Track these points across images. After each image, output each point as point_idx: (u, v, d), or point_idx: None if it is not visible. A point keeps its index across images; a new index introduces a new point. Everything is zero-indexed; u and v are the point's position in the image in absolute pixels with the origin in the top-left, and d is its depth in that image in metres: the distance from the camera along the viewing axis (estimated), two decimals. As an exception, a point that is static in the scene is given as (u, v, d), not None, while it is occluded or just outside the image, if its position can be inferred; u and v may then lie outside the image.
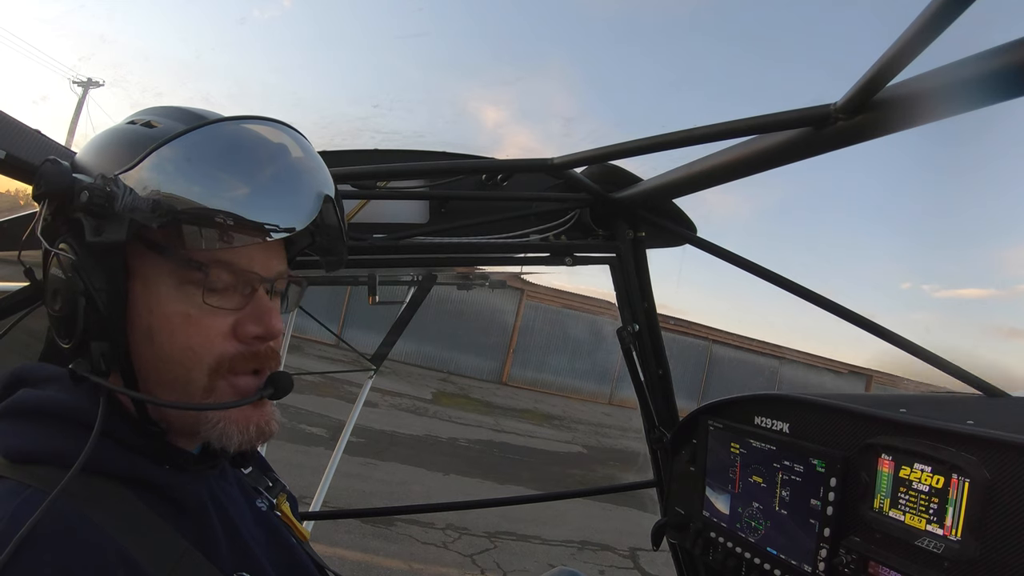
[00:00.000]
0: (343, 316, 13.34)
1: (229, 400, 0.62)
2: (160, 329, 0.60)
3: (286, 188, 0.63)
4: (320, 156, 0.69)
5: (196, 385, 0.61)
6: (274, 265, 0.66)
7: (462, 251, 1.47)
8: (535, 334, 15.87)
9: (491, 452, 8.63)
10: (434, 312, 13.50)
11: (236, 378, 0.63)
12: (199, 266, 0.59)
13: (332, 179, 0.69)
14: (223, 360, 0.62)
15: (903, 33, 0.66)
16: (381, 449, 7.24)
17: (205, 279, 0.60)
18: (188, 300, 0.60)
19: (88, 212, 0.56)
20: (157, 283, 0.60)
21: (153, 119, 0.63)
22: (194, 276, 0.60)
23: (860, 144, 0.87)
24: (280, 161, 0.63)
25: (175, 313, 0.60)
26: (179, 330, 0.60)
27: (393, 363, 12.73)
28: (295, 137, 0.67)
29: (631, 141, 1.07)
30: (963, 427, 0.94)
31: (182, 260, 0.59)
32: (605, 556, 5.52)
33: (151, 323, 0.60)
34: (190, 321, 0.60)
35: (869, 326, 1.31)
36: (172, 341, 0.60)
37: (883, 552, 1.01)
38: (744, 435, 1.31)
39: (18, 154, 0.83)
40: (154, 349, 0.60)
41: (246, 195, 0.59)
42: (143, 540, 0.56)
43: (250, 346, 0.63)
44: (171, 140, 0.59)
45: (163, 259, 0.60)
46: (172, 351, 0.60)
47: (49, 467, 0.56)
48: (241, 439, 0.63)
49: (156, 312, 0.60)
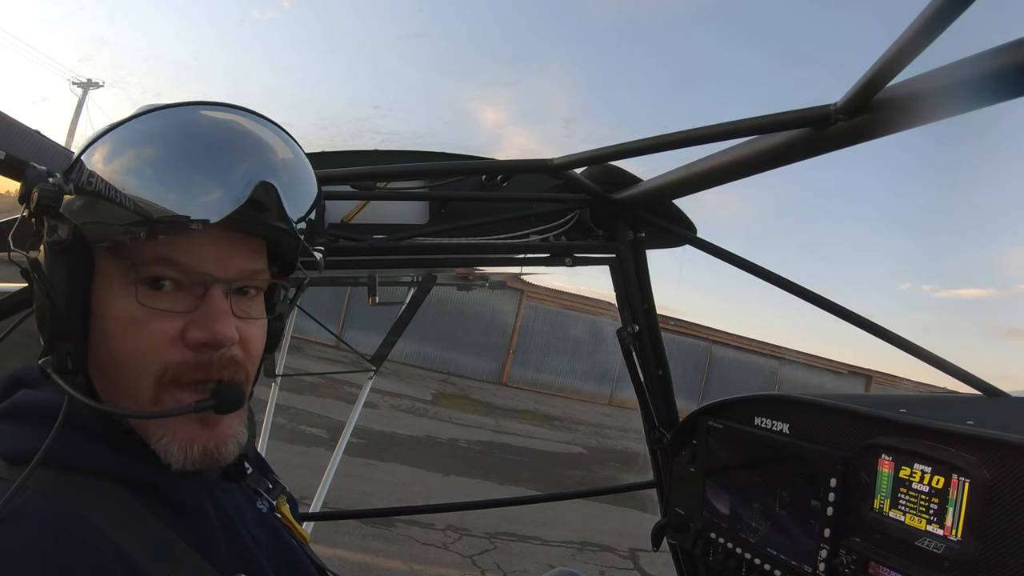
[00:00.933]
0: (343, 317, 13.34)
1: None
2: (111, 332, 0.58)
3: (207, 174, 0.57)
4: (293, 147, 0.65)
5: (144, 394, 0.58)
6: (234, 263, 0.61)
7: (462, 252, 1.47)
8: (535, 335, 15.87)
9: (491, 453, 8.62)
10: (434, 313, 13.50)
11: (180, 390, 0.58)
12: (134, 264, 0.57)
13: (296, 167, 0.64)
14: (167, 368, 0.58)
15: (903, 33, 0.66)
16: (381, 450, 7.24)
17: (138, 277, 0.57)
18: (133, 302, 0.57)
19: (41, 213, 0.57)
20: (110, 283, 0.59)
21: (136, 112, 0.62)
22: (133, 275, 0.57)
23: (860, 144, 0.87)
24: (208, 148, 0.58)
25: (121, 314, 0.58)
26: (126, 333, 0.57)
27: (393, 364, 12.72)
28: (250, 118, 0.62)
29: (631, 142, 1.07)
30: (963, 427, 0.94)
31: (121, 257, 0.57)
32: (605, 557, 5.52)
33: (104, 324, 0.59)
34: (134, 324, 0.57)
35: (869, 326, 1.31)
36: (121, 345, 0.58)
37: (883, 552, 1.01)
38: (744, 435, 1.31)
39: (18, 154, 0.83)
40: (107, 352, 0.59)
41: (159, 185, 0.55)
42: (141, 541, 0.56)
43: (199, 353, 0.58)
44: (101, 135, 0.58)
45: (115, 259, 0.58)
46: (121, 355, 0.58)
47: (47, 469, 0.55)
48: (183, 459, 0.58)
49: (107, 314, 0.58)
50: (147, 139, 0.57)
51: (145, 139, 0.57)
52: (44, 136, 0.89)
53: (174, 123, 0.58)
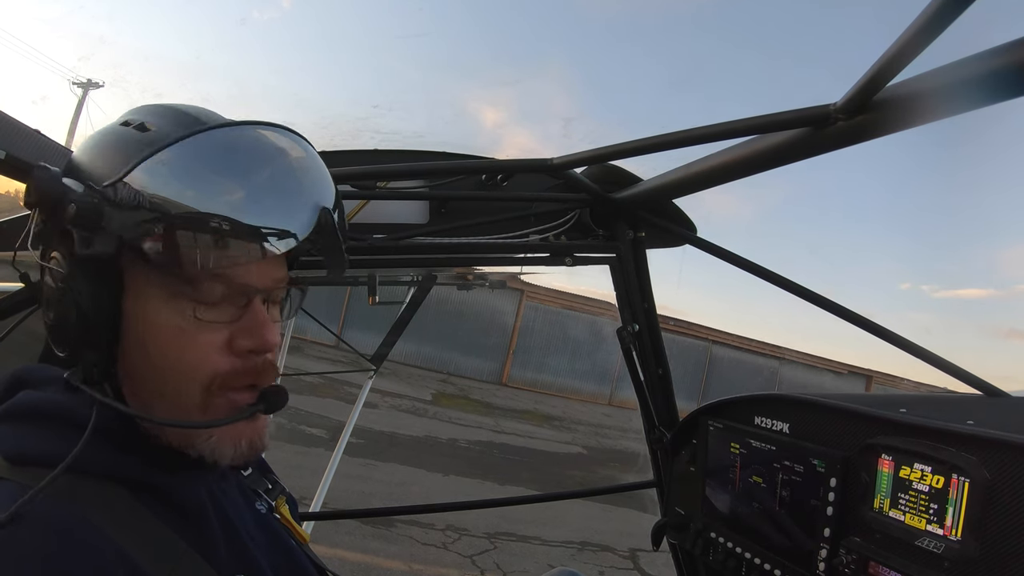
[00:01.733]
0: (343, 317, 13.34)
1: (223, 415, 0.61)
2: (153, 342, 0.59)
3: (283, 199, 0.59)
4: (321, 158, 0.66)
5: (190, 400, 0.60)
6: (270, 274, 0.63)
7: (462, 251, 1.47)
8: (535, 335, 15.87)
9: (491, 453, 8.62)
10: (434, 313, 13.50)
11: (232, 393, 0.61)
12: (190, 280, 0.57)
13: (332, 183, 0.66)
14: (216, 376, 0.60)
15: (903, 33, 0.66)
16: (381, 450, 7.24)
17: (197, 293, 0.58)
18: (180, 314, 0.58)
19: (76, 224, 0.55)
20: (149, 295, 0.58)
21: (148, 120, 0.61)
22: (186, 289, 0.58)
23: (860, 144, 0.87)
24: (277, 170, 0.60)
25: (167, 326, 0.58)
26: (172, 344, 0.58)
27: (393, 364, 12.72)
28: (297, 141, 0.64)
29: (631, 141, 1.07)
30: (963, 427, 0.94)
31: (174, 274, 0.57)
32: (605, 557, 5.52)
33: (144, 335, 0.59)
34: (183, 335, 0.58)
35: (869, 326, 1.31)
36: (165, 355, 0.59)
37: (883, 552, 1.01)
38: (744, 435, 1.31)
39: (18, 154, 0.83)
40: (148, 361, 0.59)
41: (241, 208, 0.56)
42: (142, 542, 0.56)
43: (245, 360, 0.61)
44: (163, 148, 0.56)
45: (155, 271, 0.58)
46: (165, 365, 0.59)
47: (49, 469, 0.55)
48: (234, 454, 0.62)
49: (148, 324, 0.58)
50: (209, 161, 0.57)
51: (207, 161, 0.57)
52: (44, 136, 0.89)
53: (236, 144, 0.59)
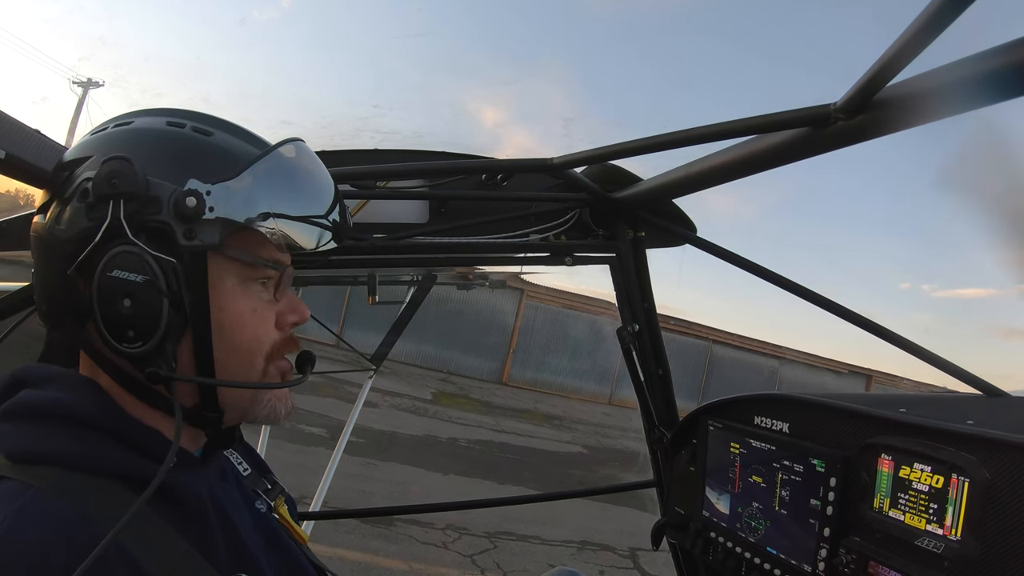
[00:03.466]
0: (343, 316, 13.34)
1: (274, 380, 0.70)
2: (231, 324, 0.64)
3: (331, 192, 0.71)
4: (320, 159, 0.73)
5: (256, 371, 0.67)
6: (289, 259, 0.72)
7: (462, 251, 1.47)
8: (535, 334, 15.86)
9: (491, 452, 8.63)
10: (434, 312, 13.49)
11: (280, 361, 0.70)
12: (274, 267, 0.67)
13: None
14: (274, 347, 0.69)
15: (903, 33, 0.66)
16: (381, 449, 7.24)
17: (277, 278, 0.68)
18: (254, 296, 0.66)
19: (183, 217, 0.59)
20: (226, 282, 0.64)
21: (197, 125, 0.65)
22: (262, 274, 0.66)
23: (860, 144, 0.87)
24: (323, 174, 0.71)
25: (244, 308, 0.65)
26: (248, 324, 0.66)
27: (393, 363, 12.72)
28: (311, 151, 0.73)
29: (631, 141, 1.07)
30: (963, 427, 0.94)
31: (255, 261, 0.65)
32: (605, 556, 5.52)
33: (222, 319, 0.64)
34: (256, 315, 0.66)
35: (869, 326, 1.31)
36: (242, 334, 0.65)
37: (883, 552, 1.01)
38: (744, 435, 1.31)
39: (18, 154, 0.83)
40: (224, 342, 0.64)
41: (315, 206, 0.68)
42: (144, 540, 0.56)
43: (285, 333, 0.71)
44: (263, 156, 0.64)
45: (228, 259, 0.64)
46: (241, 343, 0.66)
47: (52, 467, 0.56)
48: (285, 411, 0.72)
49: (227, 309, 0.64)
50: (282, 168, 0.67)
51: (280, 168, 0.66)
52: (44, 136, 0.89)
53: (298, 155, 0.69)
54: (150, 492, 0.54)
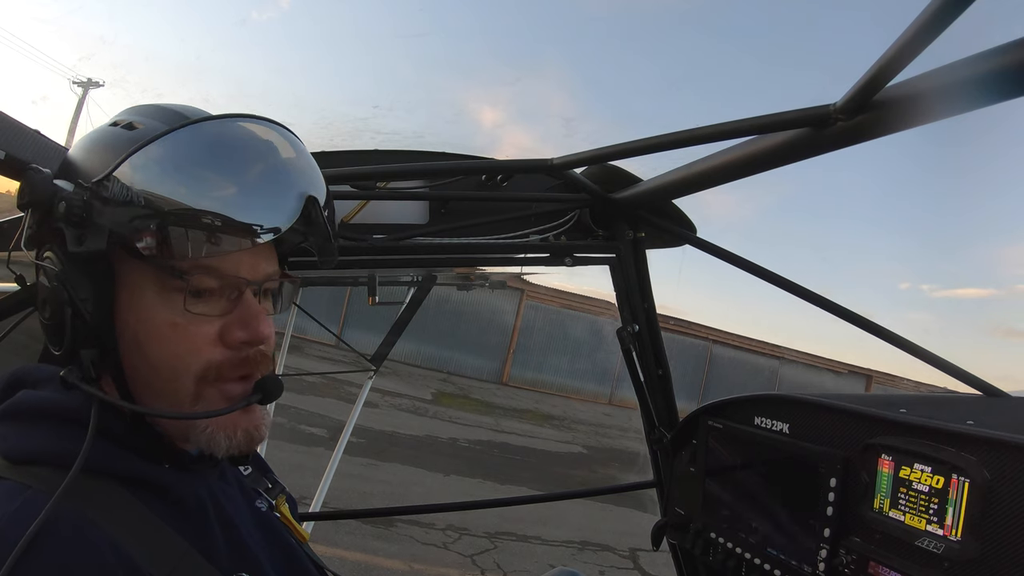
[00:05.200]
0: (343, 317, 13.34)
1: (218, 406, 0.61)
2: (146, 337, 0.59)
3: (268, 189, 0.60)
4: (310, 153, 0.67)
5: (184, 393, 0.60)
6: (262, 267, 0.64)
7: (462, 252, 1.47)
8: (535, 334, 15.86)
9: (491, 452, 8.62)
10: (434, 312, 13.50)
11: (224, 384, 0.62)
12: (180, 273, 0.58)
13: (321, 176, 0.67)
14: (210, 367, 0.60)
15: (903, 33, 0.66)
16: (381, 450, 7.24)
17: (187, 286, 0.59)
18: (172, 307, 0.59)
19: (67, 222, 0.56)
20: (142, 290, 0.59)
21: (136, 120, 0.62)
22: (177, 283, 0.58)
23: (860, 144, 0.87)
24: (262, 161, 0.61)
25: (160, 321, 0.59)
26: (165, 338, 0.59)
27: (393, 363, 12.72)
28: (282, 134, 0.64)
29: (631, 141, 1.07)
30: (963, 427, 0.94)
31: (165, 267, 0.58)
32: (605, 556, 5.52)
33: (137, 331, 0.60)
34: (176, 329, 0.59)
35: (869, 326, 1.31)
36: (159, 349, 0.59)
37: (883, 552, 1.01)
38: (744, 435, 1.31)
39: (18, 154, 0.83)
40: (141, 357, 0.60)
41: (228, 199, 0.57)
42: (143, 540, 0.56)
43: (238, 351, 0.62)
44: (148, 143, 0.57)
45: (146, 266, 0.58)
46: (159, 359, 0.59)
47: (49, 468, 0.56)
48: (229, 444, 0.62)
49: (142, 320, 0.59)
50: (195, 153, 0.58)
51: (193, 153, 0.58)
52: (44, 136, 0.89)
53: (220, 137, 0.60)
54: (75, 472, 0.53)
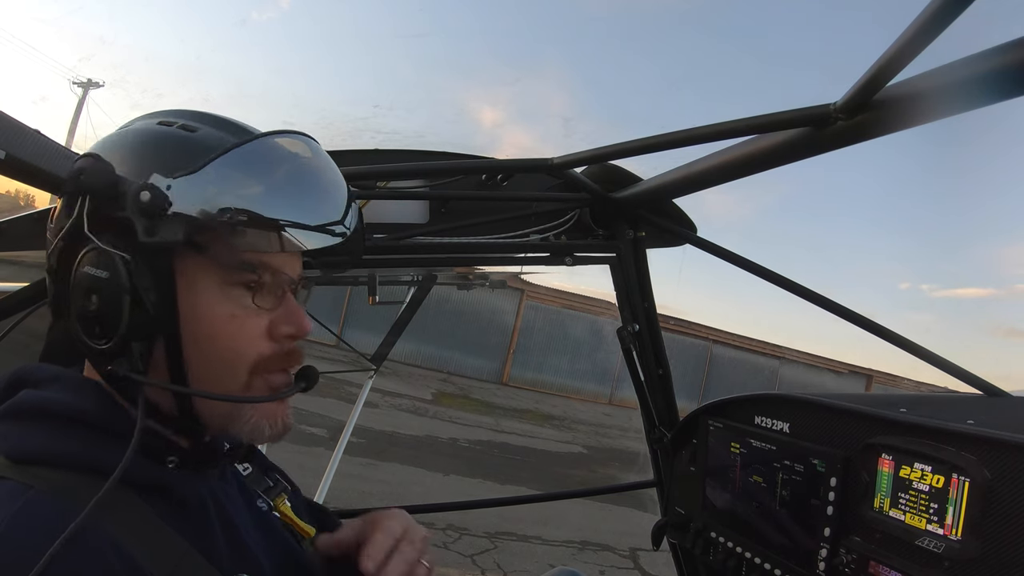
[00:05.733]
0: (343, 316, 13.34)
1: (262, 395, 0.65)
2: (205, 329, 0.61)
3: (332, 194, 0.66)
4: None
5: (236, 382, 0.64)
6: (298, 267, 0.68)
7: (462, 251, 1.47)
8: (535, 334, 15.86)
9: (491, 452, 8.62)
10: (434, 312, 13.50)
11: (269, 376, 0.66)
12: (252, 268, 0.62)
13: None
14: (261, 359, 0.64)
15: (903, 33, 0.66)
16: (381, 449, 7.24)
17: (257, 281, 0.63)
18: (234, 301, 0.62)
19: (143, 213, 0.57)
20: (202, 284, 0.61)
21: (187, 123, 0.63)
22: (243, 278, 0.62)
23: (860, 144, 0.87)
24: (323, 170, 0.67)
25: (221, 313, 0.62)
26: (224, 330, 0.62)
27: (393, 363, 12.71)
28: (320, 149, 0.70)
29: (631, 141, 1.07)
30: (963, 427, 0.94)
31: (232, 263, 0.61)
32: (605, 556, 5.52)
33: (195, 323, 0.61)
34: (235, 322, 0.62)
35: (869, 326, 1.31)
36: (217, 341, 0.62)
37: (883, 552, 1.01)
38: (744, 435, 1.31)
39: (18, 154, 0.83)
40: (198, 348, 0.62)
41: (301, 203, 0.62)
42: (144, 540, 0.56)
43: (283, 345, 0.66)
44: (234, 148, 0.61)
45: (207, 260, 0.60)
46: (217, 350, 0.62)
47: (52, 468, 0.56)
48: (271, 432, 0.66)
49: (199, 312, 0.61)
50: (272, 160, 0.63)
51: (271, 160, 0.63)
52: (44, 136, 0.89)
53: (292, 147, 0.65)
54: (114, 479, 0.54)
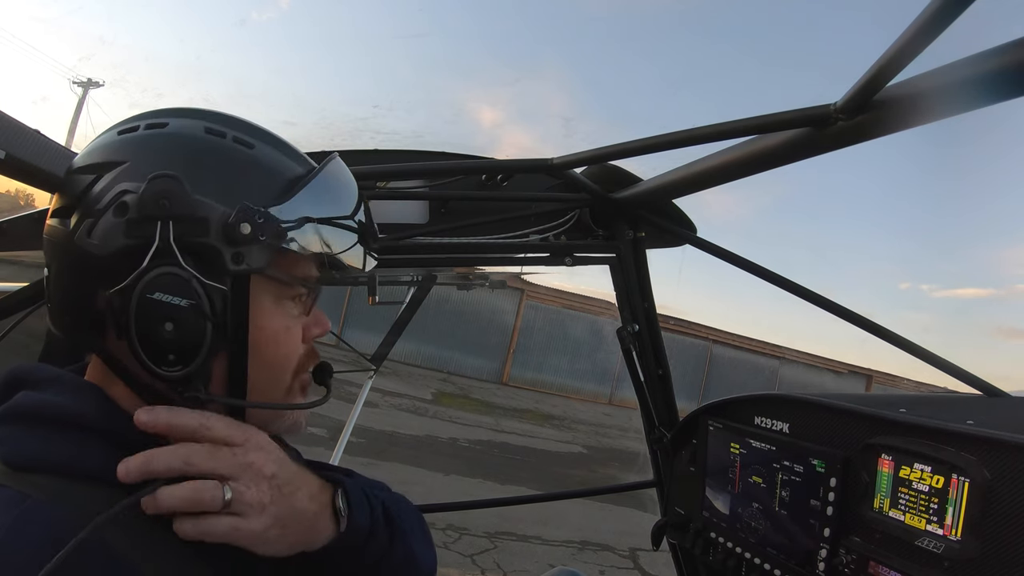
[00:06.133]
0: (343, 316, 13.33)
1: (298, 397, 0.70)
2: (266, 343, 0.64)
3: (363, 208, 0.71)
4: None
5: (283, 386, 0.67)
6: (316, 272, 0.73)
7: (462, 251, 1.47)
8: (535, 334, 15.86)
9: (491, 452, 8.62)
10: (434, 312, 13.50)
11: (303, 375, 0.70)
12: (305, 283, 0.66)
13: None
14: (300, 362, 0.69)
15: (903, 33, 0.66)
16: (381, 449, 7.24)
17: (309, 296, 0.68)
18: (286, 313, 0.66)
19: (235, 242, 0.57)
20: (262, 300, 0.63)
21: (238, 135, 0.62)
22: (297, 292, 0.66)
23: (860, 144, 0.87)
24: (354, 187, 0.71)
25: (278, 326, 0.65)
26: (280, 341, 0.65)
27: (393, 363, 12.71)
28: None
29: (631, 141, 1.07)
30: (963, 427, 0.94)
31: (293, 280, 0.64)
32: (605, 556, 5.52)
33: (257, 338, 0.63)
34: (288, 333, 0.66)
35: (869, 326, 1.31)
36: (275, 351, 0.65)
37: (883, 552, 1.01)
38: (744, 435, 1.31)
39: (18, 154, 0.82)
40: (255, 361, 0.63)
41: (353, 219, 0.67)
42: (145, 547, 0.55)
43: (309, 346, 0.71)
44: (314, 177, 0.65)
45: (264, 278, 0.62)
46: (273, 360, 0.65)
47: (51, 475, 0.55)
48: (305, 424, 0.73)
49: (262, 327, 0.63)
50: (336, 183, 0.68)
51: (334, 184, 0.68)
52: (44, 136, 0.88)
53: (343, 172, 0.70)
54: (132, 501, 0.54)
